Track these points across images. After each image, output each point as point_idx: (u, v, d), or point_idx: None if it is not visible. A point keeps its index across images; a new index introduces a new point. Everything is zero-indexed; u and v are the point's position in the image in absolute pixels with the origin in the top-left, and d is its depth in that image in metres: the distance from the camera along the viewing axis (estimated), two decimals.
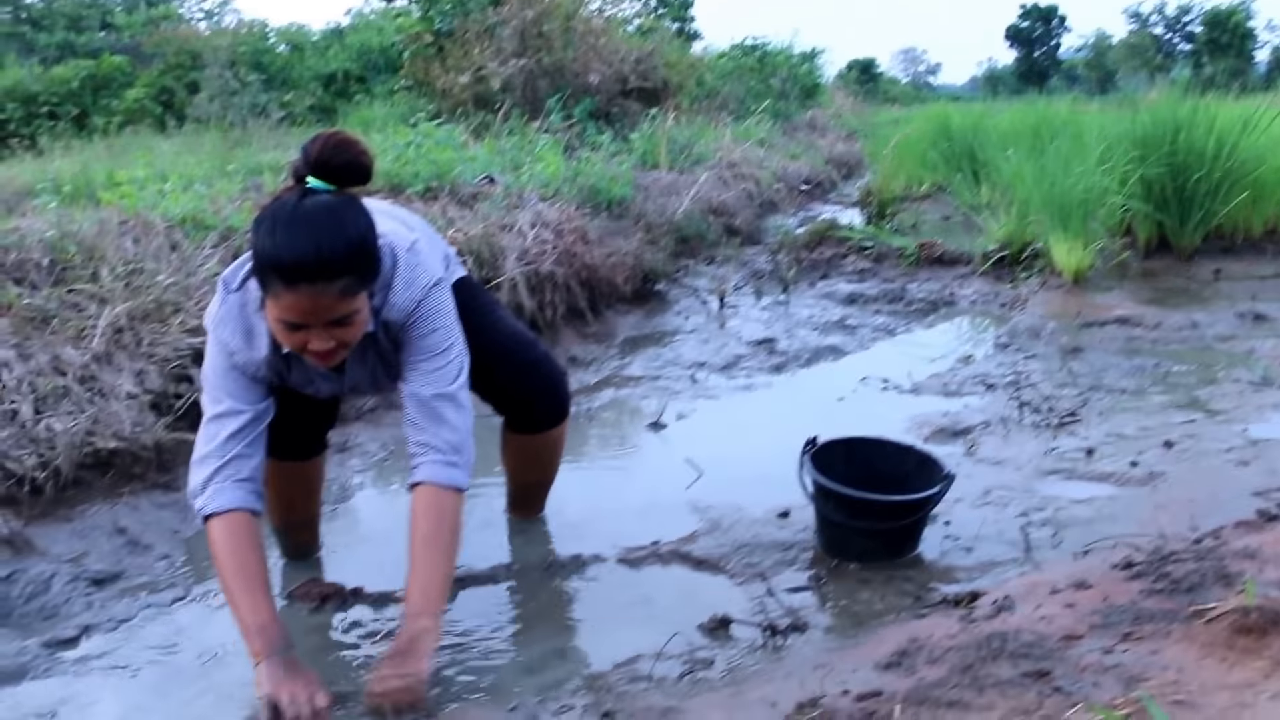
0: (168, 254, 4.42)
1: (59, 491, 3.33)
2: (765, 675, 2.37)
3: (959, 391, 4.58)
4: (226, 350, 2.50)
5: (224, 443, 2.48)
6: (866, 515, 2.98)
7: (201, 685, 2.55)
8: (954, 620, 2.44)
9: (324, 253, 2.22)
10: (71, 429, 3.40)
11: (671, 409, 4.44)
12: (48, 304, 3.85)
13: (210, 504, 2.45)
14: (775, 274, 6.79)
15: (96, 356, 3.69)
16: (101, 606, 2.93)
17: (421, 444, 2.56)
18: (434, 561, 2.49)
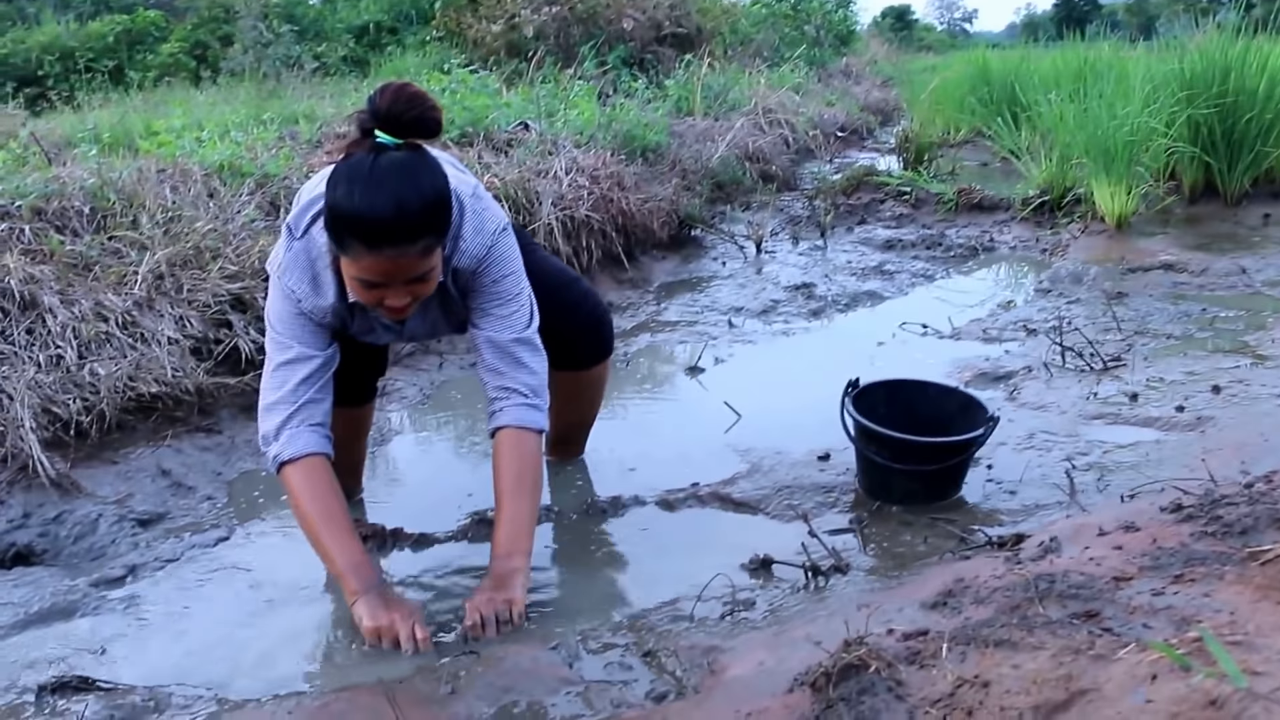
0: (205, 201, 4.44)
1: (104, 435, 3.37)
2: (808, 615, 2.35)
3: (999, 337, 4.52)
4: (293, 297, 2.48)
5: (295, 388, 2.47)
6: (909, 457, 2.94)
7: (245, 623, 2.57)
8: (999, 562, 2.41)
9: (406, 215, 2.20)
10: (115, 373, 3.44)
11: (709, 354, 4.41)
12: (89, 251, 3.88)
13: (286, 450, 2.45)
14: (812, 220, 6.71)
15: (138, 302, 3.71)
16: (147, 546, 2.97)
17: (502, 388, 2.56)
18: (521, 504, 2.50)
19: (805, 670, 1.92)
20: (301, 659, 2.38)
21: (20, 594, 2.70)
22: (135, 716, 2.15)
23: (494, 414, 2.59)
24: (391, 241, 2.21)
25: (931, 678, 1.84)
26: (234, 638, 2.50)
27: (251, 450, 3.53)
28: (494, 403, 2.59)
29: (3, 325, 3.45)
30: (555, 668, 2.16)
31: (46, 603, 2.65)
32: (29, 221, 3.93)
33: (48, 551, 2.96)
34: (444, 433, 3.82)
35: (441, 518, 3.02)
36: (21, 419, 3.14)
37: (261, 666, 2.36)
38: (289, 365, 2.49)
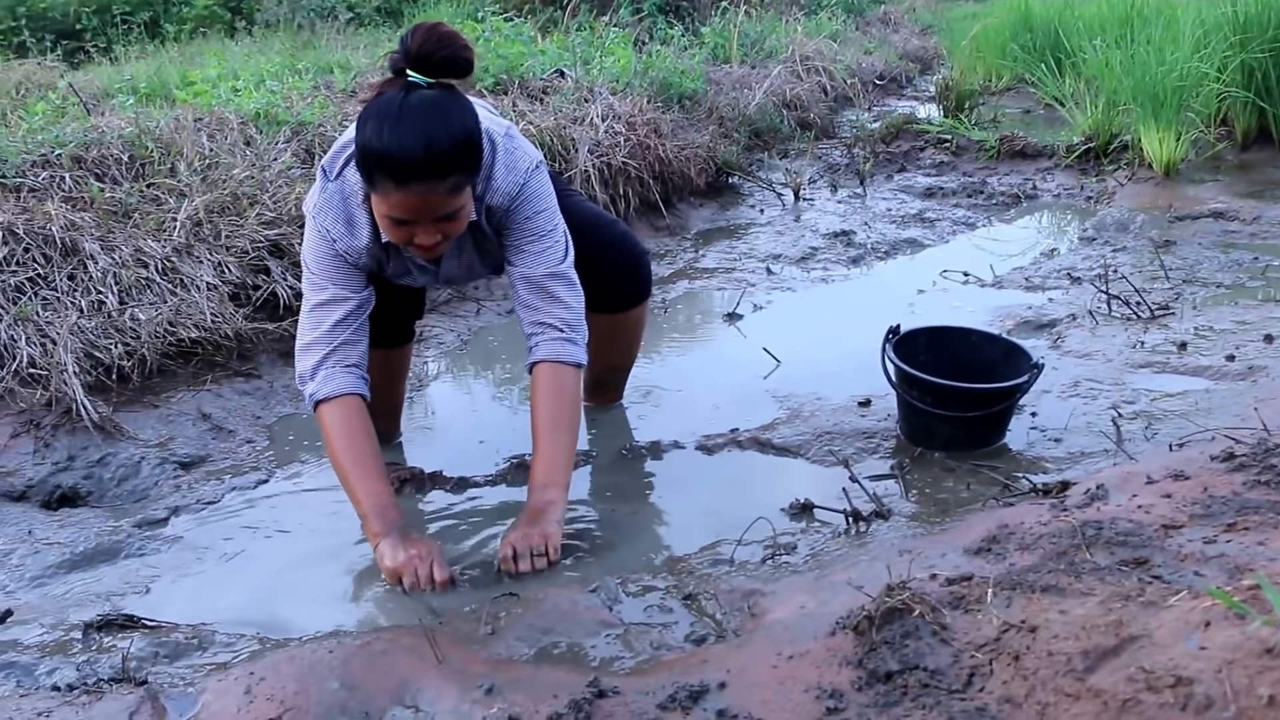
0: (242, 149, 4.45)
1: (145, 379, 3.42)
2: (849, 560, 2.32)
3: (1043, 285, 4.44)
4: (328, 238, 2.48)
5: (330, 329, 2.48)
6: (952, 403, 2.90)
7: (286, 563, 2.59)
8: (1044, 509, 2.36)
9: (434, 151, 2.20)
10: (155, 319, 3.47)
11: (747, 301, 4.36)
12: (129, 198, 3.90)
13: (321, 389, 2.46)
14: (851, 167, 6.61)
15: (177, 249, 3.74)
16: (189, 489, 2.99)
17: (538, 323, 2.56)
18: (558, 438, 2.49)
19: (847, 614, 1.90)
20: (342, 599, 2.39)
21: (66, 535, 2.73)
22: (179, 654, 2.16)
23: (531, 349, 2.58)
24: (420, 178, 2.20)
25: (976, 622, 1.80)
26: (275, 578, 2.51)
27: (290, 395, 3.55)
28: (530, 338, 2.59)
29: (45, 271, 3.48)
30: (595, 610, 2.15)
31: (91, 543, 2.68)
32: (69, 170, 3.95)
33: (92, 494, 3.00)
34: (482, 378, 3.80)
35: (480, 461, 3.02)
36: (65, 363, 3.17)
37: (302, 606, 2.37)
38: (325, 306, 2.50)
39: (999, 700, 1.61)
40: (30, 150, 4.00)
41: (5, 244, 3.47)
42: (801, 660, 1.79)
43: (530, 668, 1.96)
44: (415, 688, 1.87)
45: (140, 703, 1.90)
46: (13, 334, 3.24)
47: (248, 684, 1.89)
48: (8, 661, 2.16)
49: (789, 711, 1.65)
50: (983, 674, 1.68)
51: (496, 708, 1.77)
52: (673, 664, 1.92)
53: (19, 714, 1.88)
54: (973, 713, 1.57)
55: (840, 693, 1.68)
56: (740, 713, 1.66)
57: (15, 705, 1.93)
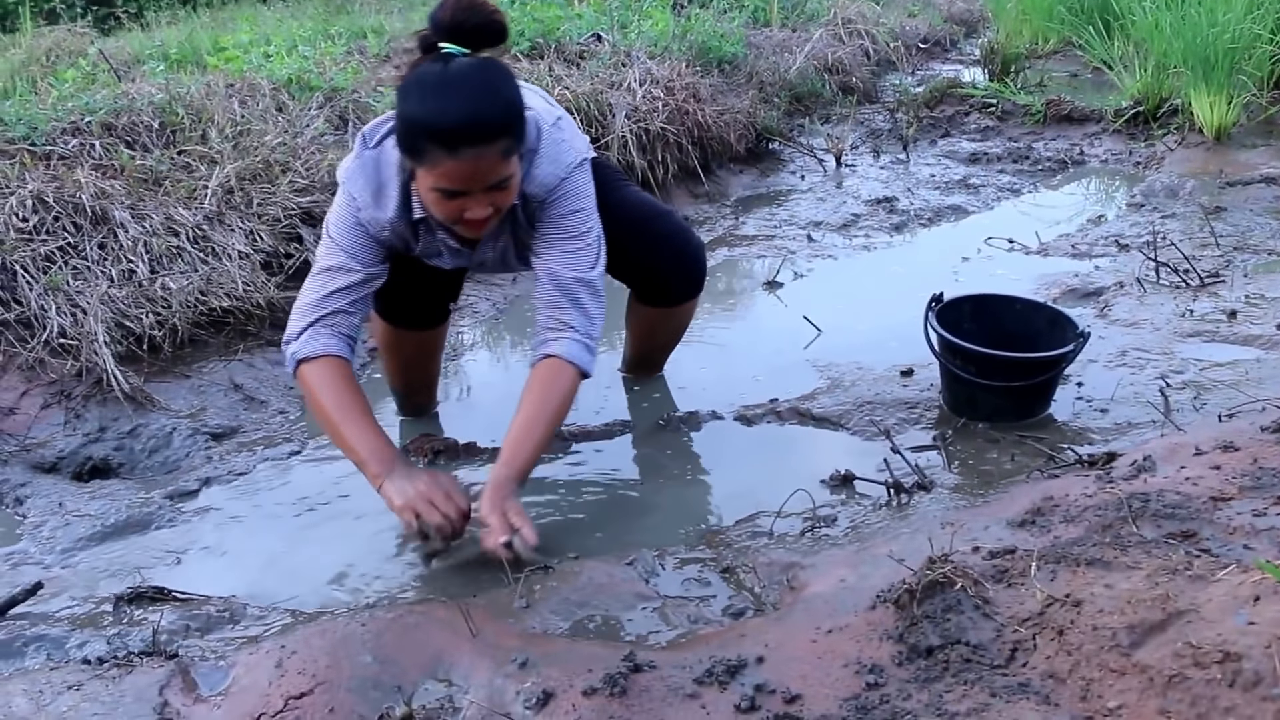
0: (274, 115, 4.42)
1: (176, 349, 3.41)
2: (891, 532, 2.29)
3: (1090, 252, 4.37)
4: (354, 204, 2.45)
5: (327, 296, 2.46)
6: (996, 373, 2.85)
7: (318, 536, 2.58)
8: (1090, 481, 2.32)
9: (482, 113, 2.17)
10: (186, 288, 3.45)
11: (787, 268, 4.31)
12: (159, 165, 3.87)
13: (303, 349, 2.43)
14: (894, 132, 6.52)
15: (208, 216, 3.72)
16: (220, 460, 2.98)
17: (559, 321, 2.50)
18: (535, 434, 2.41)
19: (888, 587, 1.87)
20: (374, 572, 2.37)
21: (97, 506, 2.72)
22: (210, 627, 2.16)
23: (544, 342, 2.50)
24: (470, 142, 2.16)
25: (1020, 596, 1.77)
26: (307, 550, 2.51)
27: None
28: (546, 332, 2.51)
29: (76, 240, 3.45)
30: (632, 583, 2.14)
31: (122, 515, 2.68)
32: (99, 137, 3.92)
33: (123, 465, 3.00)
34: (518, 347, 3.78)
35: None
36: (95, 333, 3.16)
37: (334, 579, 2.36)
38: (329, 273, 2.47)
39: (1042, 676, 1.58)
40: (60, 118, 3.97)
41: (35, 212, 3.44)
42: (841, 634, 1.77)
43: (565, 641, 1.94)
44: (449, 661, 1.86)
45: (170, 676, 1.89)
46: (43, 304, 3.22)
47: (279, 657, 1.88)
48: (38, 634, 2.16)
49: (828, 686, 1.63)
50: (1026, 649, 1.66)
51: (530, 682, 1.75)
52: (710, 638, 1.91)
53: (49, 687, 1.88)
54: (1015, 688, 1.54)
55: (880, 667, 1.66)
56: (778, 687, 1.64)
57: (45, 678, 1.93)
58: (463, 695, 1.78)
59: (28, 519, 2.71)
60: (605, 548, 2.35)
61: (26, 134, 3.83)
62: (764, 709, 1.60)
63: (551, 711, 1.68)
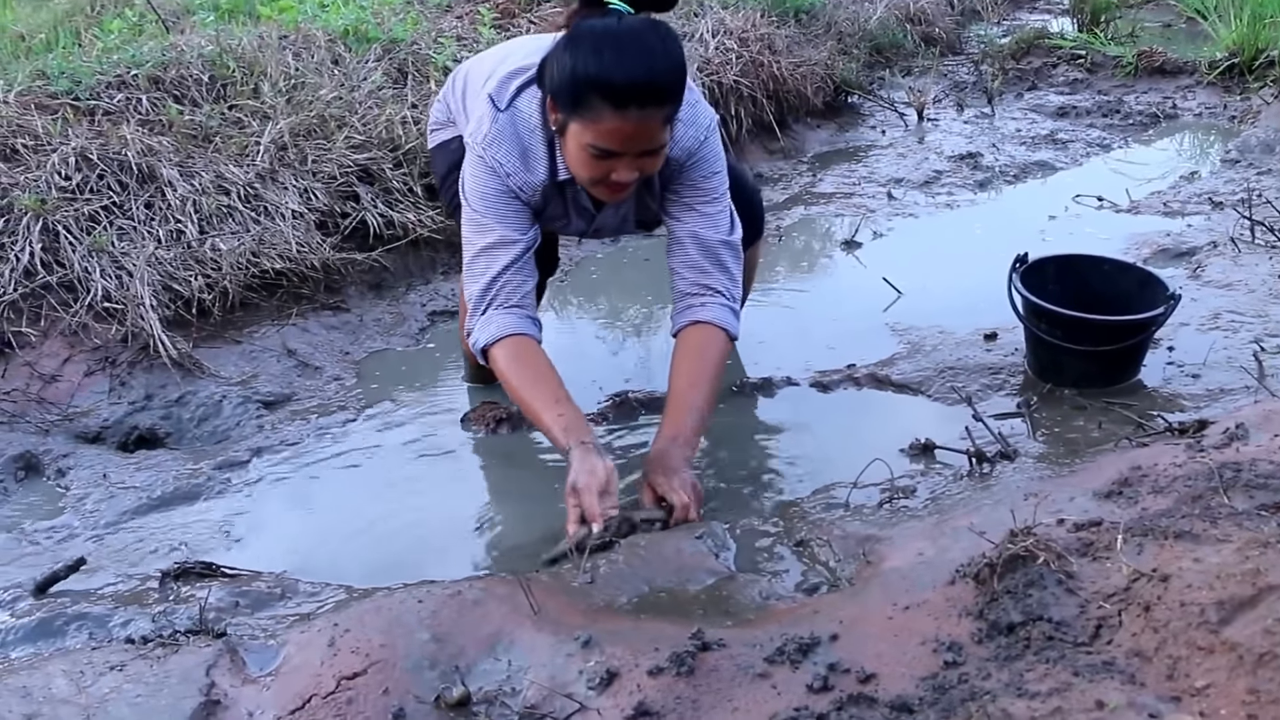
0: (330, 68, 4.26)
1: (226, 313, 3.32)
2: (971, 504, 2.24)
3: (1182, 210, 4.23)
4: (499, 173, 2.37)
5: (496, 277, 2.39)
6: (1084, 337, 2.78)
7: (373, 508, 2.54)
8: (1180, 450, 2.25)
9: (656, 75, 2.13)
10: (237, 249, 3.36)
11: (866, 227, 4.23)
12: (209, 121, 3.77)
13: (483, 337, 2.39)
14: (978, 86, 6.35)
15: (260, 175, 3.61)
16: (272, 429, 2.93)
17: (705, 286, 2.47)
18: (698, 403, 2.38)
19: (968, 561, 1.82)
20: (432, 546, 2.36)
21: (143, 478, 2.69)
22: (260, 604, 2.13)
23: (690, 308, 2.47)
24: (639, 102, 2.11)
25: (1105, 570, 1.72)
26: (362, 523, 2.48)
27: (381, 329, 3.47)
28: (691, 298, 2.47)
29: (121, 199, 3.36)
30: (701, 557, 2.09)
31: (170, 487, 2.64)
32: (146, 91, 3.79)
33: (171, 434, 2.93)
34: (584, 311, 3.73)
35: (582, 399, 2.91)
36: (142, 296, 3.09)
37: (390, 553, 2.34)
38: (489, 252, 2.39)
39: (1127, 654, 1.53)
40: (105, 71, 3.82)
41: (79, 170, 3.33)
42: (918, 611, 1.73)
43: (630, 618, 1.89)
44: (508, 639, 1.81)
45: (218, 655, 1.84)
46: (87, 265, 3.13)
47: (331, 635, 1.83)
48: (80, 612, 2.12)
49: (904, 665, 1.59)
50: (1110, 626, 1.60)
51: (594, 661, 1.71)
52: (782, 615, 1.87)
53: (90, 668, 1.83)
54: (1099, 667, 1.50)
55: (959, 645, 1.61)
56: (852, 666, 1.60)
57: (88, 659, 1.87)
58: (522, 675, 1.74)
59: (70, 491, 2.66)
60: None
61: (70, 88, 3.71)
62: (837, 689, 1.56)
63: (615, 692, 1.64)
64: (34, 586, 2.22)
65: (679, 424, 2.34)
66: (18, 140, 3.42)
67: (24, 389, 2.94)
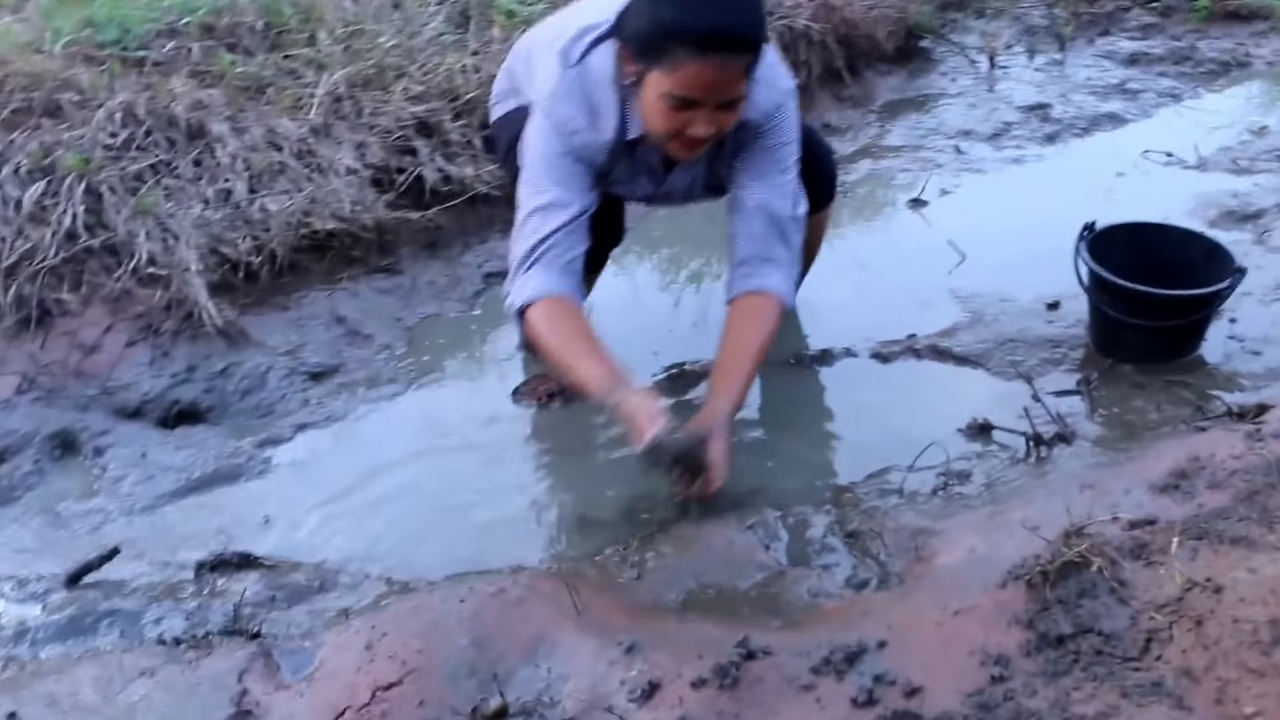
0: (389, 14, 4.04)
1: (275, 277, 3.19)
2: (1027, 493, 2.25)
3: (1250, 168, 4.13)
4: (565, 130, 2.31)
5: (543, 239, 2.31)
6: (1146, 311, 2.75)
7: (420, 492, 2.49)
8: (1238, 438, 2.24)
9: (739, 22, 2.12)
10: (288, 208, 3.21)
11: (934, 184, 4.16)
12: (263, 71, 3.57)
13: (518, 297, 2.31)
14: (1051, 29, 6.20)
15: (314, 129, 3.45)
16: (319, 403, 2.85)
17: (764, 257, 2.45)
18: (749, 370, 2.39)
19: (1020, 562, 1.84)
20: (478, 535, 2.31)
21: (182, 457, 2.61)
22: (297, 597, 2.10)
23: (750, 276, 2.44)
24: (723, 48, 2.10)
25: (1158, 578, 1.74)
26: (407, 508, 2.43)
27: (435, 292, 3.35)
28: (752, 265, 2.45)
29: (169, 156, 3.22)
30: (751, 550, 2.10)
31: (210, 467, 2.57)
32: (198, 39, 3.60)
33: (213, 409, 2.83)
34: (642, 275, 3.60)
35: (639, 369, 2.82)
36: (187, 260, 2.97)
37: (435, 543, 2.29)
38: (542, 213, 2.32)
39: (1176, 672, 1.55)
40: (156, 19, 3.59)
41: (125, 127, 3.18)
42: (968, 616, 1.74)
43: (676, 620, 1.88)
44: (550, 644, 1.78)
45: (252, 660, 1.81)
46: (131, 228, 2.99)
47: (368, 639, 1.80)
48: (112, 609, 2.07)
49: (951, 677, 1.61)
50: (1161, 639, 1.62)
51: (636, 670, 1.69)
52: (830, 616, 1.88)
53: (120, 673, 1.80)
54: (1147, 687, 1.52)
55: (1007, 658, 1.63)
56: (899, 677, 1.62)
57: (118, 661, 1.84)
58: (562, 684, 1.71)
59: (107, 471, 2.58)
60: (728, 504, 2.29)
61: (119, 37, 3.50)
62: (882, 703, 1.58)
63: (656, 705, 1.63)
64: (66, 577, 2.18)
65: (730, 390, 2.34)
66: (63, 96, 3.27)
67: (63, 361, 2.85)
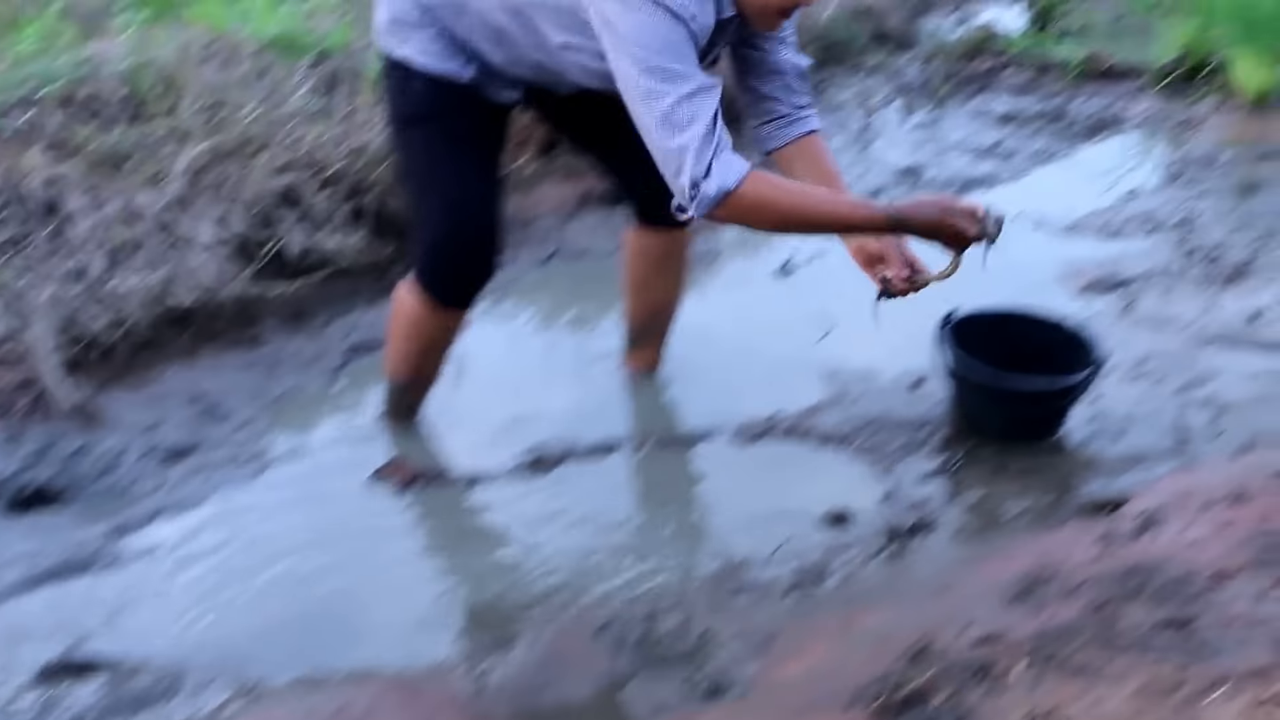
0: (255, 82, 4.02)
1: (133, 354, 3.12)
2: (880, 597, 2.23)
3: (1120, 232, 4.20)
4: (682, 17, 2.14)
5: (713, 120, 2.13)
6: (1006, 400, 2.77)
7: (275, 581, 2.40)
8: (1093, 538, 2.26)
9: None
10: (147, 284, 3.17)
11: (802, 250, 4.16)
12: (123, 143, 3.53)
13: (729, 178, 2.13)
14: (926, 88, 6.29)
15: (175, 201, 3.41)
16: (175, 485, 2.72)
17: (802, 106, 2.58)
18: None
19: (868, 682, 1.81)
20: (333, 633, 2.24)
21: (31, 545, 2.48)
22: (142, 704, 2.01)
23: (797, 121, 2.57)
24: None
25: (1000, 708, 1.71)
26: (261, 601, 2.33)
27: (297, 366, 3.27)
28: (793, 113, 2.56)
29: (21, 233, 3.16)
30: (598, 659, 2.04)
31: (59, 556, 2.45)
32: (56, 111, 3.57)
33: (67, 490, 2.69)
34: (515, 342, 3.52)
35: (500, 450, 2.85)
36: (40, 341, 2.89)
37: (287, 640, 2.21)
38: (692, 99, 2.12)
39: None
40: (16, 85, 3.56)
41: None
42: None
43: None
44: None
45: None
46: None
47: None
48: None
49: None
50: None
51: None
52: None
53: None
54: None
55: None
56: None
57: None
58: None
59: None
60: (580, 597, 2.26)
61: None
62: None
63: None
64: None
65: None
66: None
67: None
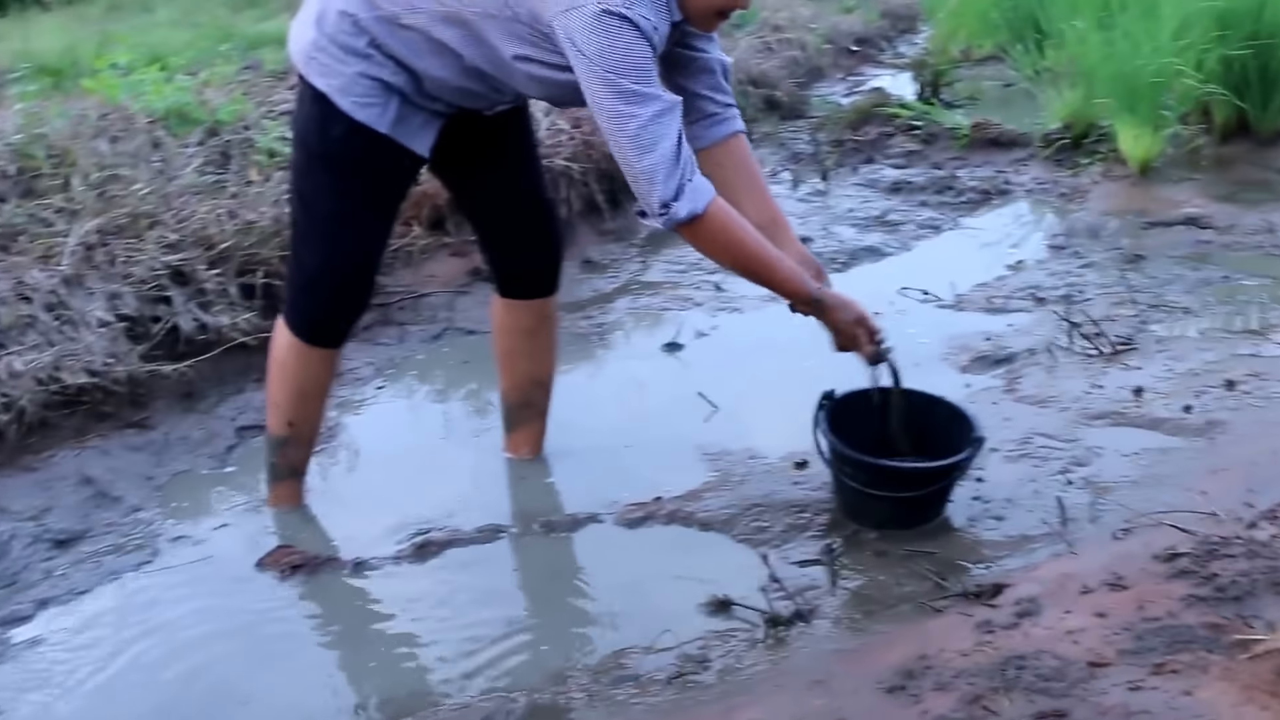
0: (148, 155, 4.07)
1: (22, 437, 3.09)
2: (758, 687, 2.18)
3: (1005, 306, 4.24)
4: (647, 31, 2.24)
5: (678, 142, 2.31)
6: (886, 482, 2.74)
7: (165, 679, 2.35)
8: (970, 627, 2.23)
9: None
10: (36, 364, 3.15)
11: (691, 325, 4.13)
12: (13, 219, 3.56)
13: (699, 202, 2.36)
14: (815, 157, 6.33)
15: (66, 279, 3.42)
16: (62, 575, 2.70)
17: (729, 104, 2.70)
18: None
19: None
20: None
21: None
22: None
23: (724, 120, 2.68)
24: None
25: None
26: (147, 697, 2.28)
27: (188, 448, 3.27)
28: (721, 111, 2.68)
29: None
30: None
31: None
32: None
33: None
34: (398, 425, 3.53)
35: (383, 537, 2.82)
36: None
37: None
38: (659, 119, 2.28)
39: None
40: None
41: None
42: None
43: None
44: None
45: None
46: None
47: None
48: None
49: None
50: None
51: None
52: None
53: None
54: None
55: None
56: None
57: None
58: None
59: None
60: (463, 690, 2.24)
61: None
62: None
63: None
64: None
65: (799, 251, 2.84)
66: None
67: None
